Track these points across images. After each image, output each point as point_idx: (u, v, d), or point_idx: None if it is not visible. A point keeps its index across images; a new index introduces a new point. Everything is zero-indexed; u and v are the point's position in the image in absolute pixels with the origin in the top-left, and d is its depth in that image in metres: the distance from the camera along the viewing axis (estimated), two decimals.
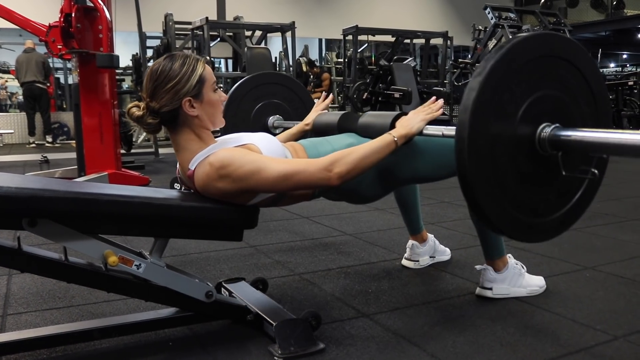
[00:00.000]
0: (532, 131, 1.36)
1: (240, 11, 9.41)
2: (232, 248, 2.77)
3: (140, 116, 1.66)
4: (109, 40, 4.58)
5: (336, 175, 1.60)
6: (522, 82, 1.33)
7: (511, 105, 1.32)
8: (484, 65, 1.27)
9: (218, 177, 1.60)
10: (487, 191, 1.32)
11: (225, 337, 1.74)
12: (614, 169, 6.05)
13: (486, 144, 1.30)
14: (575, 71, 1.42)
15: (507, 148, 1.34)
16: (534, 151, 1.37)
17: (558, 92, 1.39)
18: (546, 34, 1.37)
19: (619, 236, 3.03)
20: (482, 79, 1.25)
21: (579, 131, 1.34)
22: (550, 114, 1.38)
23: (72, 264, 1.55)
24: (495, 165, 1.32)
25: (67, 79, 13.19)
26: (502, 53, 1.28)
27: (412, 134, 1.72)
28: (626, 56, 24.34)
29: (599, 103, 1.49)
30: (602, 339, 1.74)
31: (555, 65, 1.39)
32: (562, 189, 1.46)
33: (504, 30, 7.73)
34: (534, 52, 1.34)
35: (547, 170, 1.40)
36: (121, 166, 5.05)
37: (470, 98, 1.26)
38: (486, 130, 1.29)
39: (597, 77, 1.48)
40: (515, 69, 1.31)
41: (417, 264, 2.45)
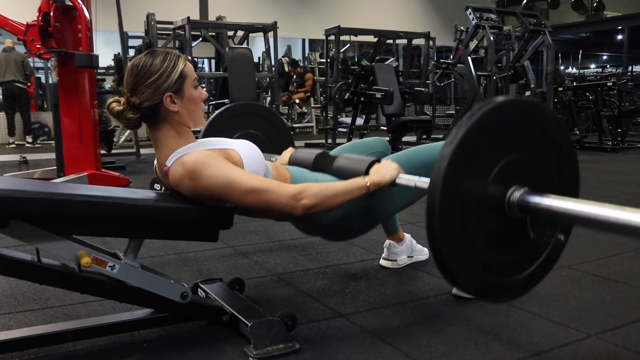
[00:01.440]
0: (502, 194, 1.39)
1: (223, 11, 9.37)
2: (211, 249, 2.76)
3: (120, 111, 1.66)
4: (88, 40, 4.54)
5: (302, 206, 1.59)
6: (493, 148, 1.36)
7: (482, 171, 1.35)
8: (455, 133, 1.29)
9: (188, 178, 1.60)
10: (455, 251, 1.35)
11: (201, 338, 1.73)
12: (593, 169, 6.14)
13: (457, 208, 1.32)
14: (546, 135, 1.46)
15: (477, 211, 1.36)
16: (503, 213, 1.40)
17: (528, 155, 1.43)
18: (517, 101, 1.40)
19: (595, 235, 3.06)
20: (454, 148, 1.28)
21: (547, 198, 1.36)
22: (520, 177, 1.41)
23: (44, 265, 1.53)
24: (465, 230, 1.35)
25: (48, 79, 13.07)
26: (473, 122, 1.30)
27: (385, 183, 1.70)
28: (606, 57, 24.61)
29: (568, 166, 1.53)
30: (575, 337, 1.76)
31: (526, 130, 1.42)
32: (529, 249, 1.49)
33: (485, 30, 7.78)
34: (504, 119, 1.37)
35: (516, 231, 1.43)
36: (101, 167, 5.01)
37: (442, 167, 1.28)
38: (457, 196, 1.31)
39: (566, 141, 1.51)
40: (486, 137, 1.33)
41: (394, 263, 2.46)
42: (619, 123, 8.53)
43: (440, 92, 14.12)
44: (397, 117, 6.95)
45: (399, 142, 6.81)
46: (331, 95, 7.75)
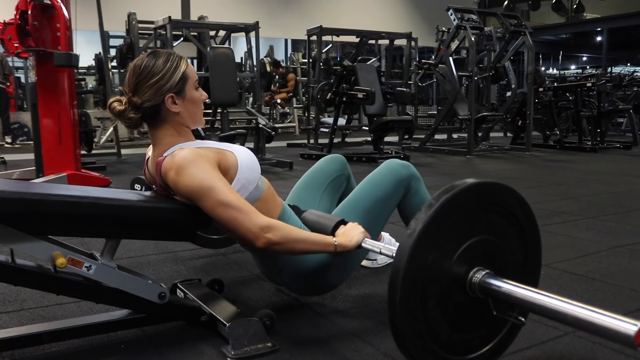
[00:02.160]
0: (464, 275, 1.40)
1: (205, 11, 9.33)
2: (191, 249, 2.75)
3: (121, 111, 1.66)
4: (67, 39, 4.50)
5: (265, 239, 1.57)
6: (453, 235, 1.37)
7: (443, 258, 1.36)
8: (414, 226, 1.31)
9: (174, 171, 1.60)
10: (417, 339, 1.36)
11: (178, 338, 1.72)
12: (571, 168, 6.20)
13: (418, 295, 1.34)
14: (506, 212, 1.47)
15: (439, 294, 1.38)
16: (465, 293, 1.42)
17: (489, 235, 1.44)
18: (471, 186, 1.40)
19: (574, 234, 3.09)
20: (412, 242, 1.29)
21: (506, 284, 1.38)
22: (482, 258, 1.43)
23: (19, 266, 1.51)
24: (426, 314, 1.36)
25: (28, 79, 12.94)
26: (431, 215, 1.31)
27: (351, 247, 1.68)
28: (586, 58, 24.89)
29: (529, 237, 1.55)
30: (553, 334, 1.78)
31: (485, 210, 1.43)
32: (492, 324, 1.51)
33: (467, 31, 7.82)
34: (461, 205, 1.38)
35: (478, 309, 1.45)
36: (81, 167, 4.97)
37: (402, 260, 1.30)
38: (418, 283, 1.33)
39: (526, 214, 1.53)
40: (445, 226, 1.35)
41: (374, 263, 2.46)
42: (599, 123, 8.63)
43: (422, 92, 14.21)
44: (379, 117, 6.97)
45: (380, 142, 6.82)
46: (313, 96, 7.75)
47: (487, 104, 8.99)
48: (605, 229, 3.21)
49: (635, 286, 2.22)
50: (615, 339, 1.17)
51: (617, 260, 2.57)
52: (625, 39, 19.06)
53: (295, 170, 6.06)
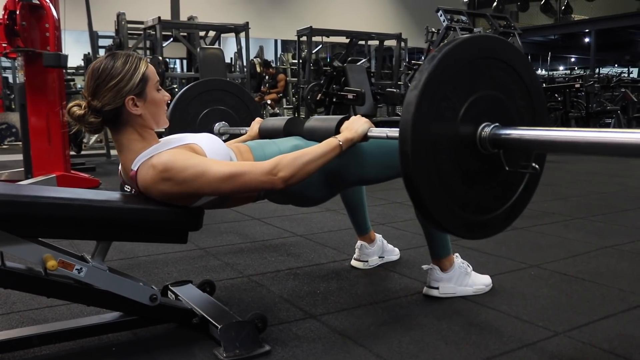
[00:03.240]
0: (473, 132, 1.39)
1: (194, 11, 9.30)
2: (181, 250, 2.74)
3: (81, 115, 1.63)
4: (56, 39, 4.47)
5: (280, 179, 1.59)
6: (458, 88, 1.36)
7: (449, 111, 1.35)
8: (418, 77, 1.30)
9: (161, 179, 1.58)
10: (433, 193, 1.35)
11: (170, 341, 1.72)
12: (560, 168, 6.23)
13: (429, 147, 1.32)
14: (508, 68, 1.46)
15: (450, 149, 1.36)
16: (476, 150, 1.41)
17: (494, 91, 1.43)
18: (473, 38, 1.40)
19: (564, 234, 3.11)
20: (418, 93, 1.28)
21: (516, 129, 1.38)
22: (489, 114, 1.41)
23: (9, 269, 1.50)
24: (439, 168, 1.35)
25: (16, 79, 12.84)
26: (434, 64, 1.30)
27: (357, 137, 1.72)
28: (574, 59, 25.05)
29: (534, 95, 1.54)
30: (543, 335, 1.78)
31: (488, 65, 1.42)
32: (506, 183, 1.50)
33: (456, 32, 7.85)
34: (464, 57, 1.36)
35: (491, 167, 1.43)
36: (70, 168, 4.94)
37: (409, 112, 1.28)
38: (428, 136, 1.32)
39: (528, 70, 1.52)
40: (449, 77, 1.33)
41: (366, 264, 2.47)
42: (587, 124, 8.67)
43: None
44: (369, 117, 6.97)
45: None
46: (303, 96, 7.75)
47: None
48: (595, 229, 3.23)
49: (623, 286, 2.23)
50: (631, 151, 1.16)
51: (606, 261, 2.59)
52: (613, 41, 19.20)
53: None
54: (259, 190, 1.67)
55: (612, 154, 1.22)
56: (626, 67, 21.96)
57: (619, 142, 1.17)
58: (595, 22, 16.71)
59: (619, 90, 10.47)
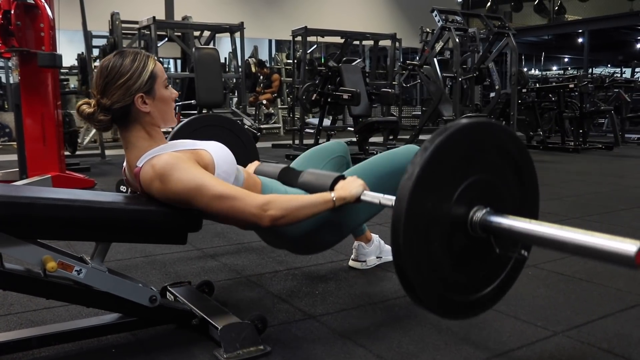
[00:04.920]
0: (465, 215, 1.41)
1: (189, 11, 9.29)
2: (179, 251, 2.74)
3: (91, 113, 1.64)
4: (51, 39, 4.45)
5: (269, 217, 1.58)
6: (451, 176, 1.37)
7: (442, 199, 1.36)
8: (411, 170, 1.30)
9: (158, 181, 1.59)
10: (424, 282, 1.37)
11: (170, 342, 1.71)
12: (554, 169, 6.25)
13: (421, 236, 1.34)
14: (501, 151, 1.47)
15: (442, 234, 1.38)
16: (467, 233, 1.43)
17: (486, 175, 1.44)
18: (464, 126, 1.39)
19: None
20: (412, 185, 1.29)
21: (507, 219, 1.39)
22: (481, 197, 1.43)
23: (8, 270, 1.49)
24: (430, 255, 1.37)
25: (9, 78, 12.78)
26: (427, 156, 1.31)
27: (350, 199, 1.70)
28: (568, 60, 25.13)
29: (525, 174, 1.55)
30: (542, 335, 1.79)
31: (484, 150, 1.43)
32: (494, 263, 1.52)
33: (451, 32, 7.87)
34: (457, 146, 1.38)
35: (481, 248, 1.45)
36: (65, 168, 4.92)
37: (402, 204, 1.29)
38: (420, 224, 1.33)
39: (523, 155, 1.53)
40: (442, 167, 1.35)
41: (364, 264, 2.47)
42: (581, 124, 8.71)
43: (407, 93, 14.25)
44: (364, 118, 6.98)
45: (365, 143, 6.84)
46: (298, 96, 7.75)
47: (471, 105, 9.04)
48: (590, 229, 3.21)
49: (620, 286, 2.24)
50: (616, 260, 1.17)
51: None
52: (606, 41, 19.24)
53: None
54: (245, 220, 1.63)
55: (598, 260, 1.24)
56: (619, 67, 22.04)
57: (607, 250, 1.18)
58: (589, 22, 16.75)
59: (613, 90, 10.51)
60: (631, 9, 16.28)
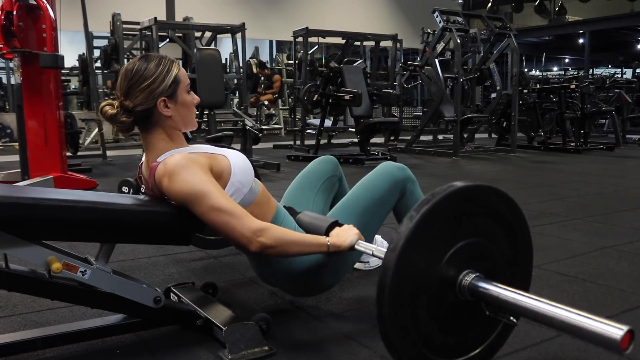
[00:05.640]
0: (454, 279, 1.40)
1: (190, 12, 9.29)
2: (182, 252, 2.73)
3: (114, 114, 1.66)
4: (53, 40, 4.46)
5: (259, 243, 1.57)
6: (438, 244, 1.36)
7: (430, 266, 1.35)
8: (396, 240, 1.29)
9: (166, 178, 1.60)
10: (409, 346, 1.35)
11: (174, 343, 1.71)
12: (556, 169, 6.25)
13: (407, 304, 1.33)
14: (490, 212, 1.46)
15: (429, 301, 1.37)
16: (456, 296, 1.41)
17: (476, 238, 1.43)
18: (454, 193, 1.37)
19: (562, 235, 3.12)
20: (397, 257, 1.28)
21: (495, 287, 1.38)
22: (470, 261, 1.42)
23: (13, 271, 1.49)
24: (417, 322, 1.36)
25: (10, 79, 12.79)
26: (413, 227, 1.29)
27: (344, 247, 1.69)
28: (568, 60, 25.14)
29: (519, 237, 1.55)
30: (546, 335, 1.79)
31: (470, 215, 1.42)
32: (484, 324, 1.51)
33: (452, 33, 7.87)
34: (444, 214, 1.36)
35: (470, 310, 1.44)
36: (67, 169, 4.92)
37: (387, 276, 1.29)
38: (406, 292, 1.32)
39: (515, 214, 1.52)
40: (429, 236, 1.34)
41: (366, 265, 2.47)
42: (582, 124, 8.72)
43: (408, 93, 14.24)
44: (366, 118, 6.98)
45: (367, 144, 6.84)
46: (299, 97, 7.75)
47: (472, 106, 9.05)
48: (593, 229, 3.24)
49: (624, 287, 2.24)
50: (601, 343, 1.17)
51: (606, 261, 2.60)
52: (607, 41, 19.28)
53: (282, 172, 6.05)
54: (235, 239, 1.61)
55: (584, 340, 1.23)
56: (620, 68, 22.05)
57: (594, 331, 1.17)
58: (589, 23, 16.76)
59: (614, 91, 10.51)
60: (632, 10, 16.29)
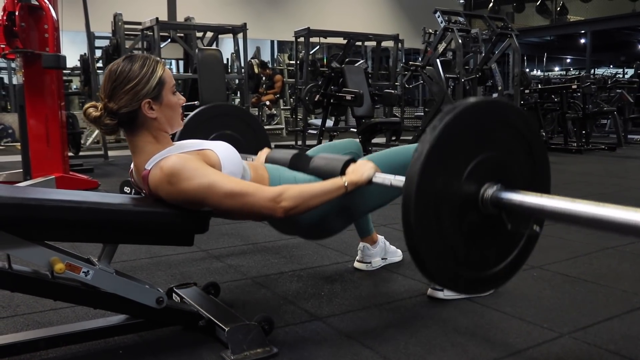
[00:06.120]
0: (475, 193, 1.42)
1: (192, 12, 9.29)
2: (184, 252, 2.74)
3: (97, 117, 1.64)
4: (55, 40, 4.46)
5: (282, 208, 1.60)
6: (459, 154, 1.38)
7: (452, 177, 1.37)
8: (420, 149, 1.31)
9: (167, 183, 1.59)
10: (438, 261, 1.38)
11: (177, 343, 1.72)
12: (558, 169, 6.24)
13: (432, 215, 1.35)
14: (509, 128, 1.48)
15: (453, 212, 1.39)
16: (478, 210, 1.43)
17: (496, 152, 1.45)
18: (475, 105, 1.41)
19: (564, 236, 3.12)
20: (420, 165, 1.30)
21: (518, 194, 1.40)
22: (491, 174, 1.44)
23: (16, 272, 1.49)
24: (442, 233, 1.37)
25: (12, 79, 12.79)
26: (436, 135, 1.32)
27: (362, 182, 1.71)
28: (570, 60, 25.11)
29: (537, 156, 1.57)
30: (548, 336, 1.79)
31: (489, 129, 1.44)
32: (508, 239, 1.52)
33: (454, 33, 7.87)
34: (465, 125, 1.38)
35: (493, 225, 1.46)
36: (69, 169, 4.93)
37: (412, 184, 1.30)
38: (431, 203, 1.34)
39: (533, 133, 1.54)
40: (451, 145, 1.35)
41: (369, 265, 2.47)
42: (584, 125, 8.70)
43: (409, 94, 14.25)
44: (367, 119, 6.98)
45: (368, 144, 6.83)
46: (301, 97, 7.75)
47: None
48: (595, 230, 3.23)
49: (626, 287, 2.24)
50: (630, 232, 1.17)
51: (607, 262, 2.60)
52: (608, 41, 19.24)
53: None
54: (259, 214, 1.65)
55: (612, 231, 1.23)
56: (621, 68, 22.02)
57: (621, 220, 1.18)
58: (591, 23, 16.73)
59: (615, 91, 10.50)
60: (633, 10, 16.26)
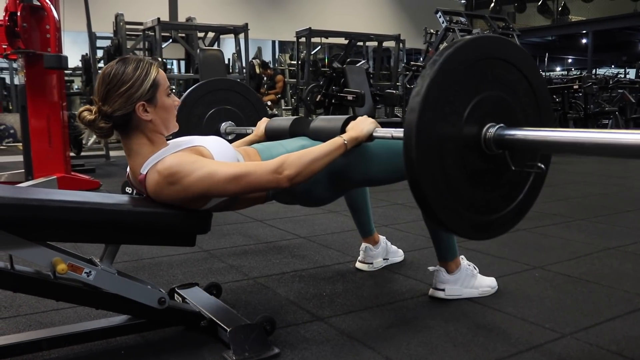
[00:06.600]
0: (477, 133, 1.40)
1: (193, 12, 9.30)
2: (185, 253, 2.74)
3: (91, 120, 1.63)
4: (57, 40, 4.47)
5: (285, 178, 1.60)
6: (460, 91, 1.36)
7: (453, 114, 1.35)
8: (420, 83, 1.30)
9: (167, 184, 1.58)
10: (440, 197, 1.35)
11: (179, 344, 1.72)
12: (561, 170, 6.24)
13: (434, 151, 1.33)
14: (510, 66, 1.46)
15: (455, 152, 1.37)
16: (481, 151, 1.41)
17: (497, 91, 1.43)
18: (472, 39, 1.39)
19: (566, 236, 3.12)
20: (421, 99, 1.28)
21: (521, 130, 1.38)
22: (493, 114, 1.42)
23: (18, 272, 1.50)
24: (445, 170, 1.36)
25: (14, 79, 12.81)
26: (436, 69, 1.30)
27: (362, 137, 1.73)
28: (571, 60, 25.11)
29: (537, 92, 1.54)
30: (550, 337, 1.79)
31: (490, 65, 1.42)
32: (512, 182, 1.51)
33: (455, 33, 7.87)
34: (465, 60, 1.37)
35: (496, 167, 1.44)
36: (71, 169, 4.93)
37: (412, 118, 1.29)
38: (433, 140, 1.33)
39: (531, 67, 1.51)
40: (451, 81, 1.33)
41: (370, 266, 2.47)
42: (585, 125, 8.69)
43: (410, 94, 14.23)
44: None
45: None
46: (302, 97, 7.75)
47: None
48: (596, 230, 3.24)
49: (627, 288, 2.24)
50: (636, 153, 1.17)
51: (609, 262, 2.60)
52: (610, 41, 19.25)
53: None
54: (265, 189, 1.68)
55: (618, 155, 1.22)
56: (623, 68, 22.01)
57: (625, 143, 1.18)
58: (592, 23, 16.76)
59: (617, 91, 10.49)
60: (635, 10, 16.26)
